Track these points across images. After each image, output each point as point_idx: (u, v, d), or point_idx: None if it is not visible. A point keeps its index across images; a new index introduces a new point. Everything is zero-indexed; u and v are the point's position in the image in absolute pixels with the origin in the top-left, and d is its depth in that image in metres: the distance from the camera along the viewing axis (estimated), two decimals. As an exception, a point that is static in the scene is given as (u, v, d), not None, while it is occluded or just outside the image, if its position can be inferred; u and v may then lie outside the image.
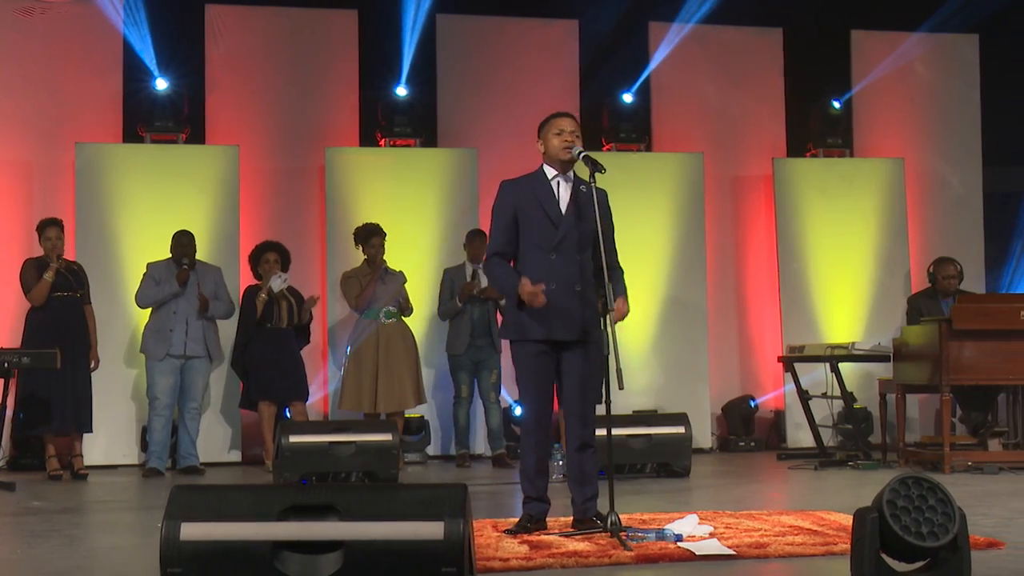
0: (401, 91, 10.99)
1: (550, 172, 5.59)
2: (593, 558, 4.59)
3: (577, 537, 5.13)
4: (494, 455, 9.86)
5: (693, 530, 5.13)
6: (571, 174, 5.58)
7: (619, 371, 5.03)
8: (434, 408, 10.57)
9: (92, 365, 9.28)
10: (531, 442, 5.49)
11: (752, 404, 11.27)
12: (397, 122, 10.94)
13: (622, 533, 4.96)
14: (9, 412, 8.73)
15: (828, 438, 10.24)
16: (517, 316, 5.47)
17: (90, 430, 9.36)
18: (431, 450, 10.53)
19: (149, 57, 10.62)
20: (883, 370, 9.82)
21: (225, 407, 10.27)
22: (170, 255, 9.54)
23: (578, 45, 11.54)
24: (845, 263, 11.49)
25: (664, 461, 8.59)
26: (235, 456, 10.32)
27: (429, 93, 11.18)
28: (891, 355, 9.29)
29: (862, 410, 10.80)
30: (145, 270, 9.51)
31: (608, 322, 5.18)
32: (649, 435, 8.58)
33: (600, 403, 5.49)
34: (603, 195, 5.57)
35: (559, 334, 5.41)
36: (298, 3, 11.11)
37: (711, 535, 5.09)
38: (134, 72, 10.67)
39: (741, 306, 11.72)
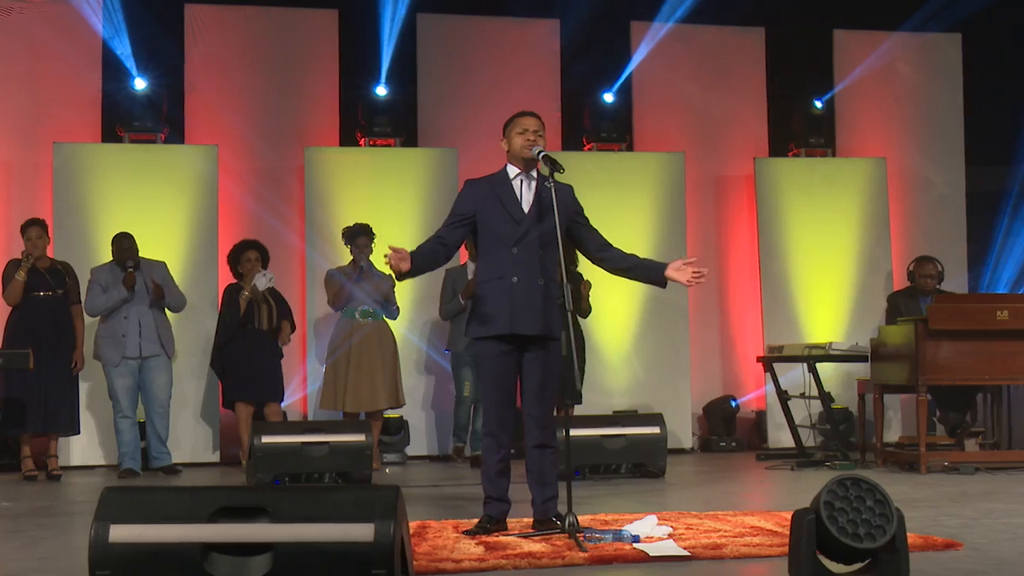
0: (381, 91, 10.97)
1: (513, 171, 5.57)
2: (546, 559, 4.57)
3: (536, 538, 5.11)
4: (473, 455, 9.85)
5: (652, 531, 5.10)
6: (534, 173, 5.55)
7: (578, 372, 5.00)
8: (414, 408, 10.54)
9: (76, 365, 9.23)
10: (493, 442, 5.46)
11: (733, 404, 11.26)
12: (377, 122, 10.92)
13: (579, 534, 4.93)
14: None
15: (809, 438, 10.23)
16: (480, 312, 5.44)
17: (76, 431, 9.34)
18: (411, 450, 10.51)
19: (128, 57, 10.60)
20: (863, 370, 9.80)
21: (204, 407, 10.25)
22: (112, 258, 9.43)
23: (559, 44, 11.52)
24: (827, 263, 11.47)
25: (639, 462, 8.56)
26: (214, 456, 10.29)
27: (409, 93, 11.16)
28: (869, 355, 9.26)
29: (843, 410, 10.80)
30: (89, 276, 9.42)
31: (568, 321, 5.16)
32: (624, 435, 8.55)
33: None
34: (567, 190, 5.57)
35: (522, 328, 5.38)
36: (278, 3, 11.09)
37: (669, 536, 5.06)
38: (113, 72, 10.65)
39: (723, 306, 11.70)
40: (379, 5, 10.92)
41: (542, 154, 5.43)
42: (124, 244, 9.39)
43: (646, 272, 5.67)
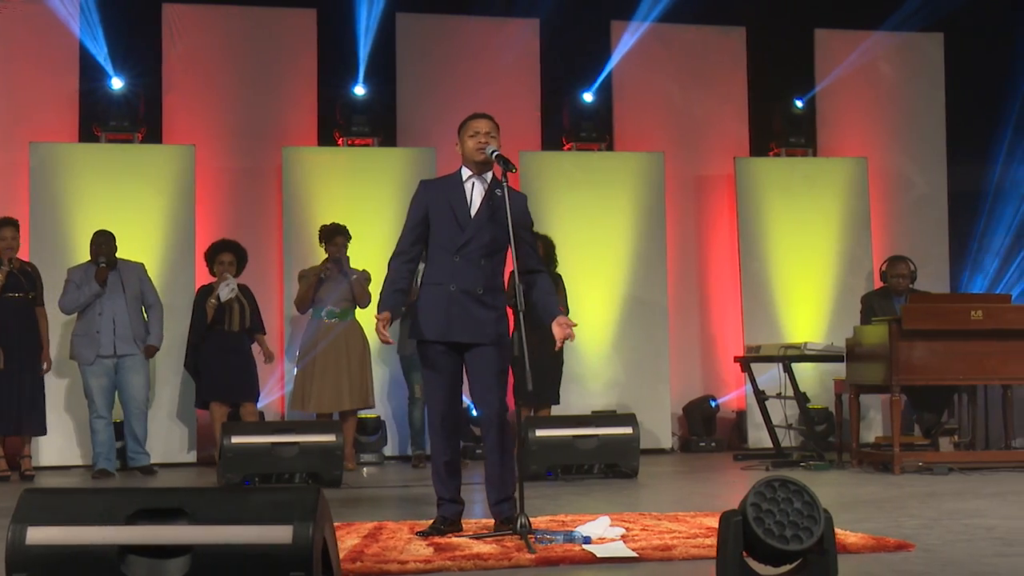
0: (359, 90, 10.95)
1: (465, 173, 5.53)
2: (492, 561, 4.55)
3: (488, 539, 5.09)
4: (414, 455, 9.85)
5: (604, 532, 5.08)
6: (487, 176, 5.51)
7: (528, 373, 4.97)
8: (390, 409, 10.53)
9: (44, 367, 9.23)
10: (440, 444, 5.44)
11: (713, 404, 11.23)
12: (355, 121, 10.90)
13: (531, 536, 4.91)
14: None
15: (789, 438, 10.21)
16: (420, 316, 5.44)
17: (43, 432, 9.33)
18: (388, 451, 10.49)
19: (105, 56, 10.57)
20: (841, 370, 9.76)
21: (180, 408, 10.23)
22: (89, 257, 9.43)
23: (539, 44, 11.49)
24: (807, 263, 11.45)
25: (612, 462, 8.53)
26: (191, 456, 10.27)
27: (388, 92, 11.14)
28: (844, 355, 9.23)
29: (822, 410, 10.78)
30: (66, 276, 9.42)
31: (520, 322, 5.12)
32: (596, 435, 8.52)
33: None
34: (520, 200, 5.54)
35: (455, 336, 5.37)
36: (256, 2, 11.07)
37: (622, 537, 5.04)
38: (90, 72, 10.64)
39: (703, 306, 11.68)
40: (357, 4, 10.90)
41: (495, 154, 5.38)
42: (99, 240, 9.39)
43: (541, 313, 5.51)
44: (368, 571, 4.39)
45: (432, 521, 5.43)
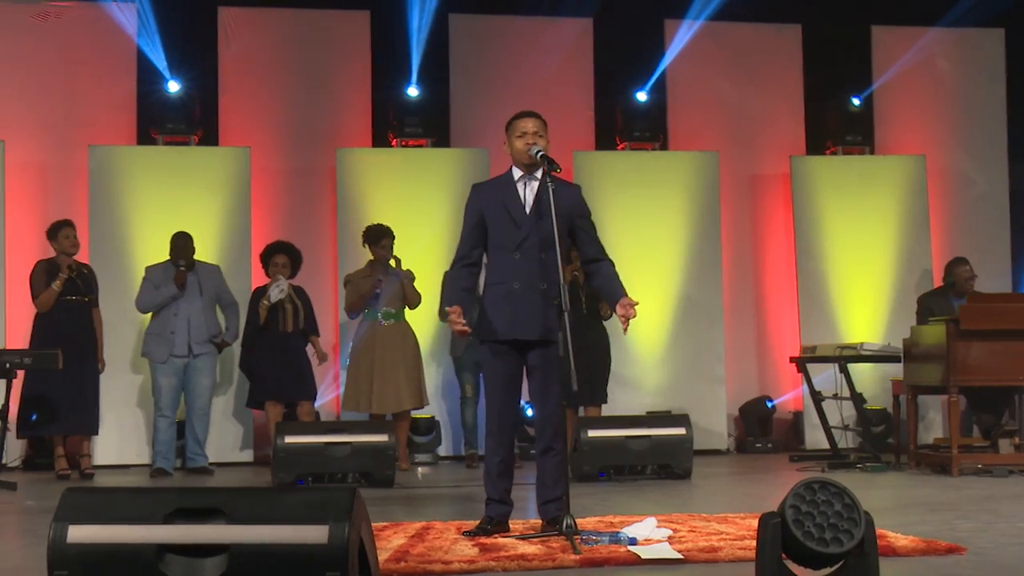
0: (413, 91, 10.97)
1: (516, 173, 5.54)
2: (536, 561, 4.53)
3: (534, 540, 5.07)
4: (467, 454, 9.85)
5: (650, 533, 5.05)
6: (537, 174, 5.51)
7: (573, 373, 4.96)
8: (445, 409, 10.55)
9: (99, 368, 9.35)
10: (494, 443, 5.44)
11: (769, 405, 11.14)
12: (408, 122, 10.93)
13: (576, 537, 4.89)
14: (13, 412, 8.81)
15: (846, 439, 10.10)
16: (484, 316, 5.44)
17: (95, 432, 9.44)
18: (442, 450, 10.51)
19: (162, 60, 10.68)
20: (899, 371, 9.66)
21: (237, 407, 10.31)
22: (168, 257, 9.56)
23: (592, 43, 11.46)
24: (865, 262, 11.34)
25: (665, 463, 8.49)
26: (247, 456, 10.35)
27: (441, 93, 11.16)
28: (901, 355, 9.12)
29: (881, 411, 10.67)
30: (144, 274, 9.54)
31: (565, 323, 5.12)
32: (649, 436, 8.48)
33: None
34: (574, 192, 5.55)
35: (522, 333, 5.37)
36: (310, 4, 11.12)
37: (669, 539, 5.01)
38: (147, 75, 10.75)
39: (759, 306, 11.59)
40: (410, 6, 10.93)
41: (540, 154, 5.37)
42: (179, 243, 9.56)
43: (607, 298, 5.72)
44: (411, 571, 4.39)
45: (479, 521, 5.43)
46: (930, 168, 11.55)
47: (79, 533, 3.13)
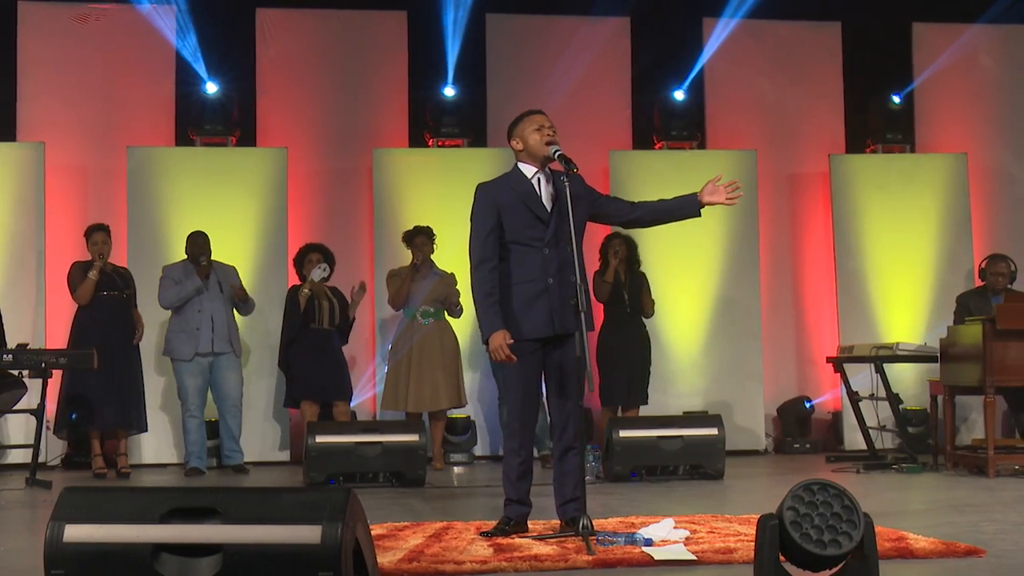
0: (449, 91, 10.99)
1: (529, 170, 5.49)
2: (549, 562, 4.53)
3: (550, 541, 5.07)
4: (539, 455, 9.80)
5: (667, 534, 5.03)
6: (548, 170, 5.50)
7: (590, 373, 4.96)
8: (480, 408, 10.55)
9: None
10: (515, 444, 5.43)
11: (807, 405, 11.05)
12: (445, 122, 10.94)
13: (592, 537, 4.88)
14: (50, 411, 8.91)
15: (882, 440, 10.01)
16: (516, 315, 5.37)
17: (144, 429, 9.53)
18: (478, 450, 10.51)
19: (200, 62, 10.76)
20: (938, 371, 9.55)
21: (275, 407, 10.36)
22: (185, 256, 9.60)
23: (629, 42, 11.42)
24: (905, 261, 11.22)
25: (697, 463, 8.45)
26: (284, 455, 10.40)
27: (478, 93, 11.16)
28: (937, 355, 9.02)
29: (920, 412, 10.56)
30: (161, 273, 9.60)
31: (582, 323, 5.10)
32: (681, 436, 8.44)
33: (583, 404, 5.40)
34: (581, 180, 5.50)
35: (561, 327, 5.33)
36: (347, 5, 11.16)
37: (686, 540, 4.98)
38: (185, 77, 10.83)
39: (797, 305, 11.50)
40: (447, 6, 10.93)
41: (558, 153, 5.35)
42: (198, 241, 9.59)
43: (682, 209, 5.70)
44: (423, 571, 4.40)
45: (497, 521, 5.42)
46: (972, 166, 11.41)
47: (76, 532, 3.16)
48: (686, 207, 5.66)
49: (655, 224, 5.91)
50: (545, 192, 5.46)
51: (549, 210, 5.43)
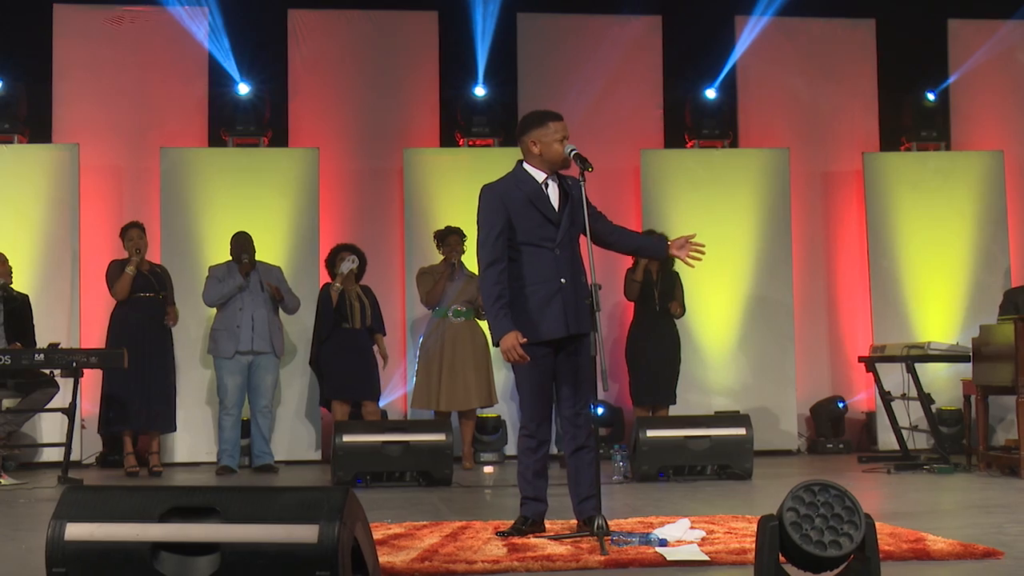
0: (480, 91, 10.99)
1: (539, 174, 5.45)
2: (561, 562, 4.52)
3: (565, 540, 5.06)
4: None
5: (683, 535, 5.01)
6: (556, 174, 5.49)
7: (604, 372, 4.94)
8: (511, 408, 10.54)
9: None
10: (531, 444, 5.42)
11: (841, 405, 10.97)
12: (476, 122, 10.95)
13: (607, 537, 4.87)
14: (90, 410, 8.99)
15: (913, 440, 9.91)
16: (529, 316, 5.36)
17: (173, 429, 9.60)
18: (509, 450, 10.50)
19: (232, 63, 10.82)
20: (970, 371, 9.46)
21: (308, 406, 10.40)
22: (230, 257, 9.68)
23: (661, 41, 11.38)
24: (940, 260, 11.12)
25: (724, 463, 8.41)
26: (317, 455, 10.44)
27: (509, 92, 11.15)
28: (970, 355, 8.93)
29: (956, 412, 10.47)
30: (207, 273, 9.68)
31: (597, 322, 5.09)
32: (709, 436, 8.40)
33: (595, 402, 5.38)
34: (581, 185, 5.43)
35: (576, 327, 5.33)
36: (378, 5, 11.20)
37: (701, 540, 4.96)
38: (218, 78, 10.90)
39: (830, 305, 11.42)
40: (478, 5, 10.93)
41: (574, 152, 5.34)
42: (241, 240, 9.67)
43: (649, 250, 5.99)
44: (435, 571, 4.40)
45: (514, 521, 5.42)
46: (1008, 164, 11.29)
47: (76, 531, 3.19)
48: (654, 249, 5.89)
49: (622, 253, 6.04)
50: (553, 192, 5.45)
51: (559, 213, 5.41)
